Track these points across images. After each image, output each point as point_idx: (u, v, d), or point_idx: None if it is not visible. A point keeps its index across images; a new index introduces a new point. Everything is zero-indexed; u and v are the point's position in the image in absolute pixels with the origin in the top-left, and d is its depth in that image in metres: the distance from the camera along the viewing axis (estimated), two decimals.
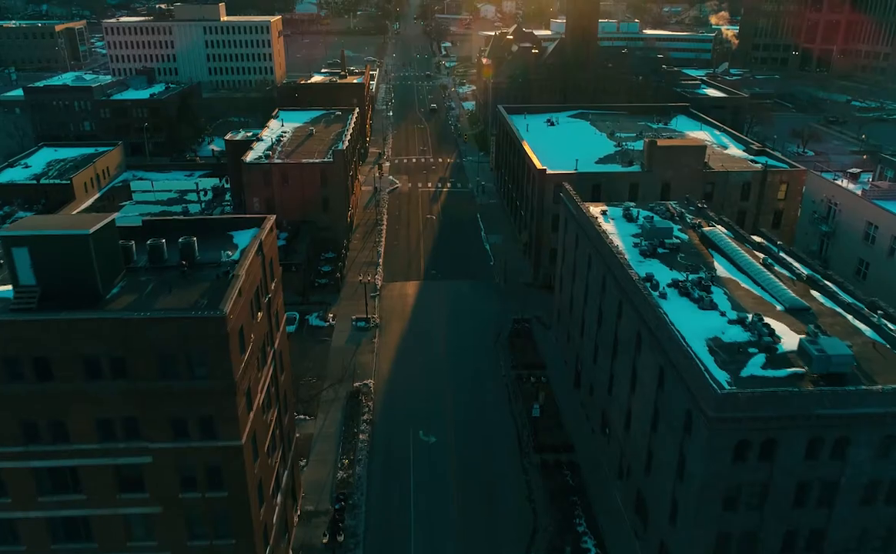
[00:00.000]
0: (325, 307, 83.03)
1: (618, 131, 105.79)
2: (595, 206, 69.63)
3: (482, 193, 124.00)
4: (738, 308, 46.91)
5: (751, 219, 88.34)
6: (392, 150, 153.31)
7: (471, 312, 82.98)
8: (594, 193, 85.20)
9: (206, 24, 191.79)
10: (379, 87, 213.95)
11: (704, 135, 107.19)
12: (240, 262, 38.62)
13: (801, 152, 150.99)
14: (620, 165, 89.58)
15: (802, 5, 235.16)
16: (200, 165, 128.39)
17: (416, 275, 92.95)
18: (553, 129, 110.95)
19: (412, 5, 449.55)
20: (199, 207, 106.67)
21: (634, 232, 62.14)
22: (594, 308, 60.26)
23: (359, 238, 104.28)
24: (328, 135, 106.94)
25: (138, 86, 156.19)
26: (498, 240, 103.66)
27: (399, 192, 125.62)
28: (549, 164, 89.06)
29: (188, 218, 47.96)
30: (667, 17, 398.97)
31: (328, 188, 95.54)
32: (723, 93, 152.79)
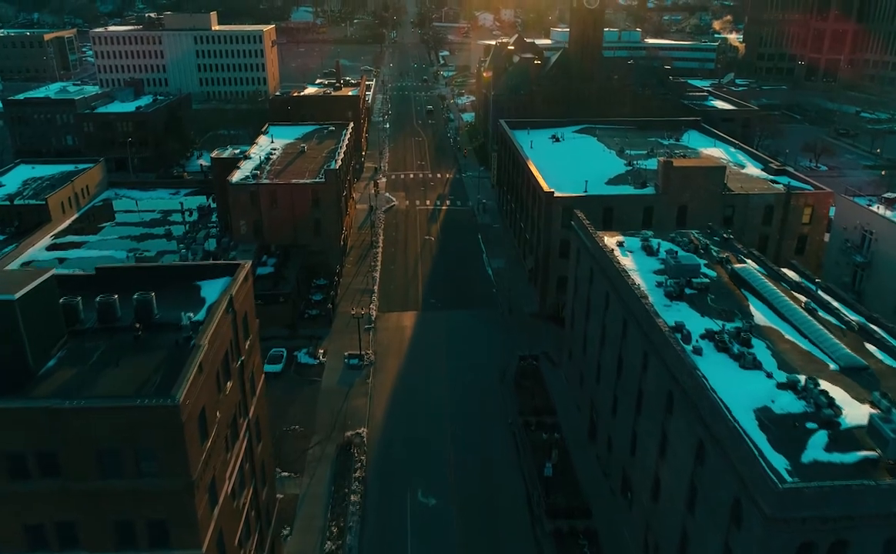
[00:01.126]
0: (315, 342, 76.62)
1: (627, 148, 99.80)
2: (610, 235, 63.49)
3: (483, 212, 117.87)
4: (785, 367, 40.67)
5: (773, 245, 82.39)
6: (389, 164, 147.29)
7: (473, 346, 76.65)
8: (605, 217, 79.27)
9: (197, 33, 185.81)
10: (375, 98, 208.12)
11: (718, 152, 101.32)
12: (204, 328, 32.28)
13: (813, 167, 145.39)
14: (633, 187, 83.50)
15: (808, 14, 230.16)
16: (187, 182, 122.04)
17: (414, 304, 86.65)
18: (558, 145, 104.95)
19: (409, 13, 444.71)
20: (183, 229, 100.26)
21: (656, 268, 55.96)
22: (613, 353, 54.01)
23: (353, 262, 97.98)
24: (320, 152, 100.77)
25: (124, 98, 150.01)
26: (501, 264, 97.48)
27: (396, 211, 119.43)
28: (556, 185, 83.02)
29: (149, 266, 41.70)
30: (667, 26, 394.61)
31: (320, 210, 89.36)
32: (732, 105, 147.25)
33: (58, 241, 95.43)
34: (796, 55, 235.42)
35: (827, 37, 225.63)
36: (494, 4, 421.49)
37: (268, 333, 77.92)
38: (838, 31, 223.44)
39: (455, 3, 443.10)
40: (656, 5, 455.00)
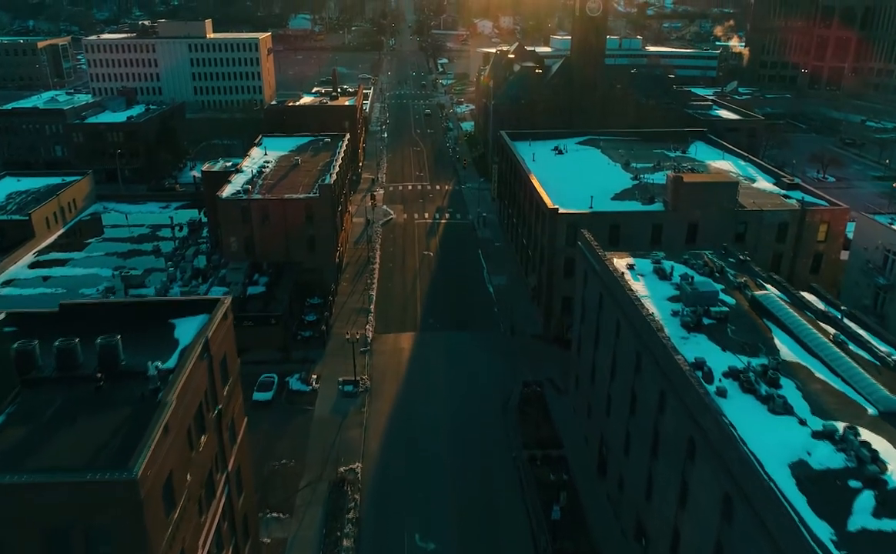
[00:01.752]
0: (308, 366, 72.84)
1: (633, 161, 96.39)
2: (619, 257, 59.91)
3: (483, 226, 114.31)
4: (820, 412, 37.01)
5: (787, 263, 78.87)
6: (387, 175, 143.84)
7: (474, 371, 72.92)
8: (612, 235, 75.72)
9: (192, 41, 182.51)
10: (373, 107, 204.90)
11: (727, 165, 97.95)
12: (174, 379, 28.56)
13: (821, 178, 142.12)
14: (640, 203, 80.00)
15: (811, 22, 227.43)
16: (178, 195, 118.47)
17: (412, 324, 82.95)
18: (561, 158, 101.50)
19: (408, 21, 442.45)
20: (172, 245, 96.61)
21: (671, 294, 52.36)
22: (625, 387, 50.32)
23: (348, 279, 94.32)
24: (315, 165, 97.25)
25: (116, 107, 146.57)
26: (502, 281, 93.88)
27: (394, 225, 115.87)
28: (560, 200, 79.50)
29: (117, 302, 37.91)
30: (667, 34, 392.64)
31: (314, 226, 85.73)
32: (736, 115, 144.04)
33: (41, 258, 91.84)
34: (799, 63, 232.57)
35: (830, 45, 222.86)
36: (493, 12, 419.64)
37: (258, 356, 74.57)
38: (842, 39, 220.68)
39: (454, 10, 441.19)
40: (656, 13, 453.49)
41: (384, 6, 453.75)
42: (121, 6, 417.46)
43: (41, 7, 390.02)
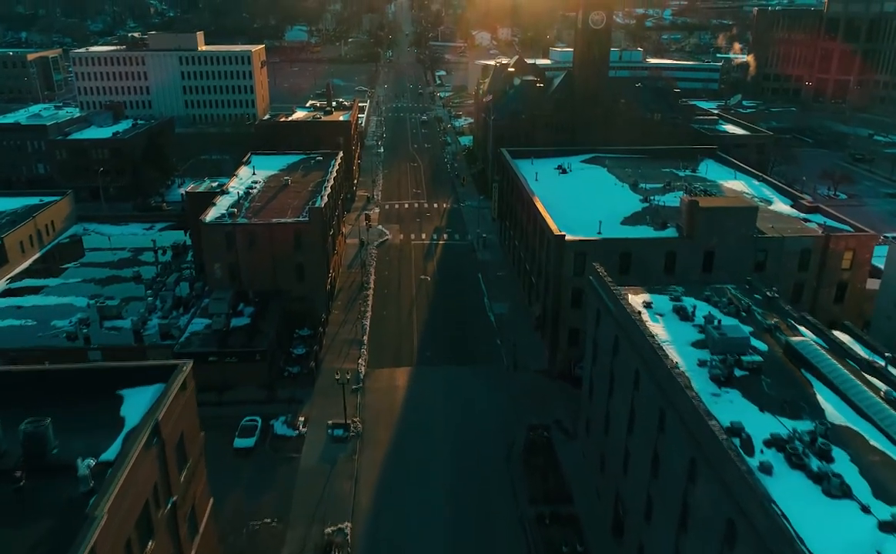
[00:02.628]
0: (295, 407, 67.28)
1: (641, 181, 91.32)
2: (635, 292, 54.66)
3: (483, 248, 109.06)
4: (883, 494, 31.66)
5: (809, 292, 73.73)
6: (382, 192, 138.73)
7: (475, 412, 67.41)
8: (622, 264, 70.63)
9: (183, 54, 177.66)
10: (369, 120, 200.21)
11: (740, 185, 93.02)
12: (108, 484, 23.07)
13: (832, 195, 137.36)
14: (652, 228, 74.86)
15: (816, 34, 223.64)
16: (164, 215, 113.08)
17: (408, 358, 77.46)
18: (566, 177, 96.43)
19: (405, 32, 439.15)
20: (154, 270, 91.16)
21: (695, 338, 47.06)
22: (645, 445, 44.88)
23: (341, 307, 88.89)
24: (306, 186, 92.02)
25: (102, 123, 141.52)
26: (504, 309, 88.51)
27: (389, 246, 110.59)
28: (566, 224, 74.40)
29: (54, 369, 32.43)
30: (666, 45, 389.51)
31: (303, 252, 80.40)
32: (743, 130, 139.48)
33: (13, 285, 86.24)
34: (803, 76, 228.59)
35: (835, 57, 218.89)
36: (491, 23, 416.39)
37: (242, 394, 69.27)
38: (846, 52, 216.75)
39: (451, 21, 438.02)
40: (655, 24, 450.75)
41: (381, 18, 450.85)
42: (115, 18, 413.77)
43: (34, 19, 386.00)
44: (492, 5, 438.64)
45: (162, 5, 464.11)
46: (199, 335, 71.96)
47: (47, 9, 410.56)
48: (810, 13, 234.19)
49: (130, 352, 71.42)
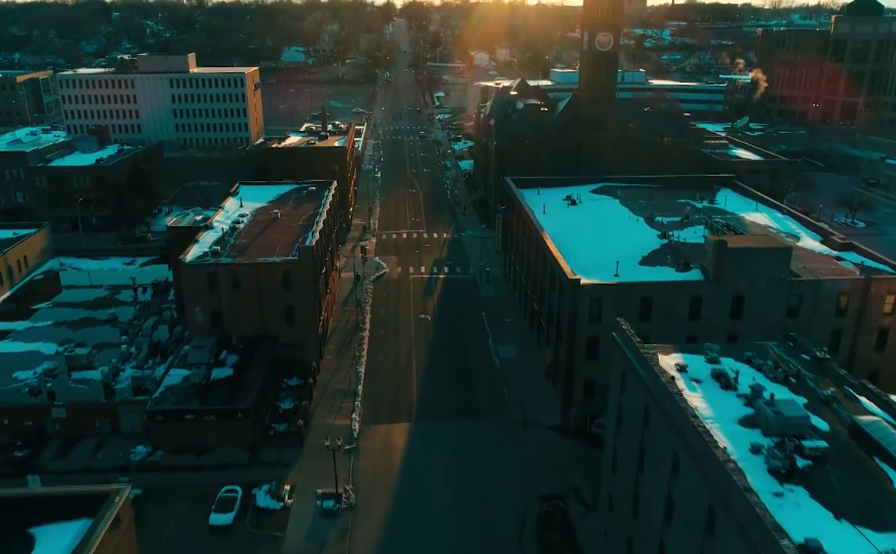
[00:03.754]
0: (280, 473, 60.19)
1: (657, 214, 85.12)
2: (665, 352, 48.03)
3: (486, 282, 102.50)
4: None
5: (848, 340, 67.18)
6: (379, 221, 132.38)
7: (481, 477, 60.40)
8: (643, 310, 64.16)
9: (173, 76, 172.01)
10: (366, 143, 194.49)
11: (762, 217, 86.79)
12: None
13: (850, 223, 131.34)
14: (674, 269, 68.41)
15: (822, 56, 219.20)
16: (146, 249, 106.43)
17: (406, 411, 70.50)
18: (575, 209, 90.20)
19: (403, 53, 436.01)
20: (132, 311, 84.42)
21: (742, 414, 40.39)
22: (688, 545, 37.96)
23: (334, 351, 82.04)
24: (297, 220, 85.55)
25: (86, 148, 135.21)
26: (511, 352, 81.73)
27: (386, 280, 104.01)
28: (579, 264, 68.09)
29: None
30: (666, 66, 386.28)
31: (293, 294, 73.76)
32: (755, 154, 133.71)
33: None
34: (810, 97, 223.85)
35: (842, 79, 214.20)
36: (489, 44, 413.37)
37: (222, 456, 62.40)
38: (854, 74, 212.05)
39: (449, 42, 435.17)
40: (654, 45, 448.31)
41: (379, 39, 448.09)
42: (110, 39, 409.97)
43: (28, 40, 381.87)
44: (490, 26, 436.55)
45: (158, 26, 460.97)
46: (176, 390, 65.03)
47: (42, 30, 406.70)
48: (816, 34, 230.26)
49: (99, 409, 64.62)
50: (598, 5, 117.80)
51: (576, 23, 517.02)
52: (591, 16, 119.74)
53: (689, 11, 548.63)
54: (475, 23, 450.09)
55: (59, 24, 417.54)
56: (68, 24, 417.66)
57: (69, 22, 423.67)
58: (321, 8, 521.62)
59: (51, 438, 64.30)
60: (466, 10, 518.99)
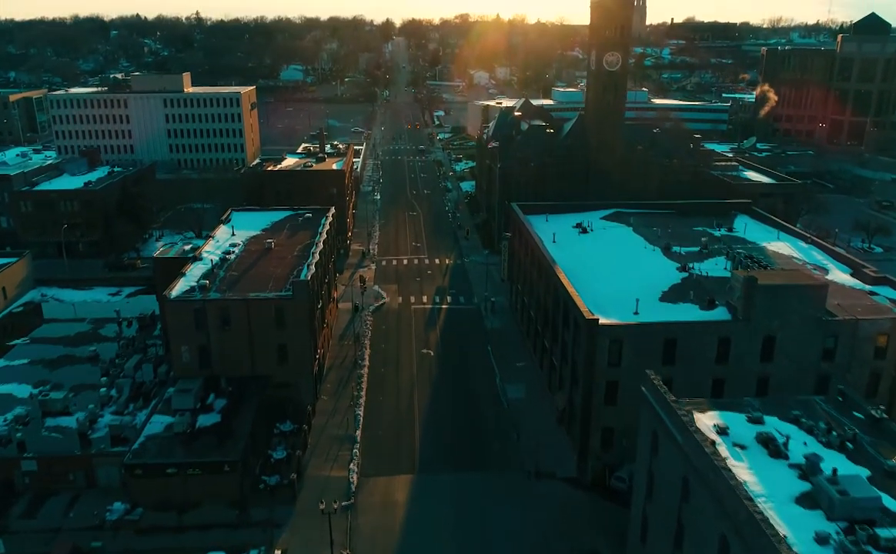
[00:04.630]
0: (270, 535, 54.65)
1: (674, 244, 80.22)
2: (701, 409, 42.84)
3: (492, 313, 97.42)
4: None
5: (887, 383, 62.04)
6: (378, 246, 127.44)
7: (491, 540, 54.83)
8: (667, 352, 59.14)
9: (167, 96, 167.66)
10: (365, 164, 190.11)
11: (786, 247, 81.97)
12: None
13: (867, 248, 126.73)
14: (697, 307, 63.40)
15: (828, 74, 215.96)
16: (133, 279, 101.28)
17: (409, 461, 65.04)
18: (587, 238, 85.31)
19: (403, 72, 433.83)
20: (116, 348, 79.12)
21: (799, 490, 35.21)
22: None
23: (330, 391, 76.68)
24: (291, 250, 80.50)
25: (76, 170, 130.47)
26: (519, 392, 76.23)
27: (386, 310, 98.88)
28: (595, 300, 63.25)
29: None
30: (667, 85, 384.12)
31: (286, 332, 68.57)
32: (765, 176, 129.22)
33: None
34: (816, 117, 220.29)
35: (850, 99, 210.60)
36: (489, 62, 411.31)
37: (206, 515, 56.95)
38: (862, 93, 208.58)
39: (449, 60, 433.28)
40: (654, 63, 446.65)
41: (378, 57, 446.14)
42: (107, 58, 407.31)
43: (24, 58, 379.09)
44: (489, 44, 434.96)
45: (156, 45, 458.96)
46: (158, 440, 59.63)
47: (39, 48, 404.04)
48: (822, 53, 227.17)
49: (73, 462, 59.16)
50: (606, 24, 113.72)
51: (575, 41, 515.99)
52: (599, 35, 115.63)
53: (689, 30, 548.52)
54: (474, 41, 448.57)
55: (56, 42, 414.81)
56: (66, 43, 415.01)
57: (67, 40, 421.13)
58: (320, 27, 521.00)
59: (19, 493, 58.78)
60: (465, 29, 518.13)
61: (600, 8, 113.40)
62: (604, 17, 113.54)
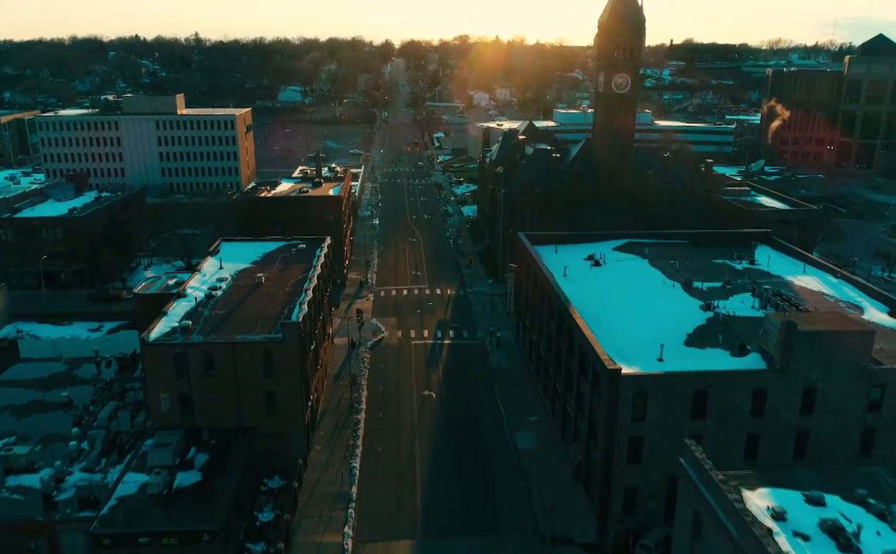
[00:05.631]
0: None
1: (694, 279, 74.64)
2: (748, 485, 36.96)
3: (497, 349, 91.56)
4: None
5: None
6: (377, 275, 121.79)
7: None
8: (696, 406, 53.27)
9: (160, 118, 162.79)
10: (364, 187, 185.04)
11: (814, 282, 76.39)
12: None
13: (888, 277, 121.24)
14: (727, 352, 57.68)
15: (835, 96, 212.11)
16: (116, 313, 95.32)
17: (410, 522, 58.83)
18: (600, 272, 79.72)
19: (402, 93, 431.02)
20: (92, 391, 73.05)
21: None
22: None
23: (324, 439, 70.58)
24: (283, 286, 74.74)
25: (61, 196, 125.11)
26: (530, 442, 70.29)
27: (385, 346, 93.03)
28: (614, 344, 57.79)
29: None
30: (668, 106, 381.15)
31: (275, 378, 62.70)
32: (778, 201, 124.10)
33: None
34: (824, 139, 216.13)
35: (858, 120, 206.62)
36: (488, 83, 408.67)
37: None
38: (871, 115, 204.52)
39: (448, 81, 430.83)
40: (654, 84, 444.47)
41: (377, 78, 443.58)
42: (104, 78, 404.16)
43: (19, 78, 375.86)
44: (488, 65, 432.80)
45: (154, 65, 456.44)
46: (130, 503, 53.33)
47: (35, 69, 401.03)
48: (829, 75, 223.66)
49: (35, 528, 52.84)
50: (614, 45, 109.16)
51: (575, 63, 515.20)
52: (607, 56, 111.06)
53: (688, 52, 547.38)
54: (473, 62, 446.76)
55: (52, 63, 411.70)
56: (62, 63, 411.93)
57: (63, 61, 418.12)
58: (319, 48, 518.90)
59: None
60: (465, 50, 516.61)
61: (609, 28, 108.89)
62: (612, 38, 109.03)
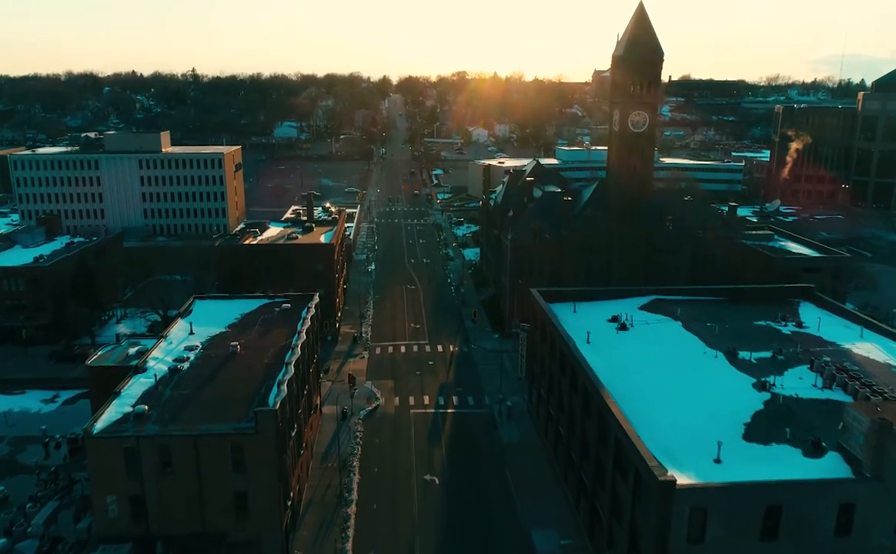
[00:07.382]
0: None
1: (739, 347, 64.34)
2: None
3: (508, 419, 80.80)
4: None
5: None
6: (373, 328, 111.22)
7: None
8: (767, 524, 42.63)
9: (143, 156, 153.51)
10: (359, 229, 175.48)
11: (875, 350, 66.01)
12: None
13: None
14: (799, 451, 47.15)
15: (849, 133, 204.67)
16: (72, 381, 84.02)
17: None
18: (627, 337, 69.35)
19: (399, 129, 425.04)
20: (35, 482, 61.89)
21: None
22: None
23: (307, 541, 59.24)
24: (261, 357, 64.09)
25: (29, 241, 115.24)
26: (552, 543, 59.15)
27: (381, 416, 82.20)
28: (654, 435, 47.71)
29: None
30: (670, 142, 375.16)
31: (246, 476, 51.92)
32: (804, 247, 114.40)
33: None
34: (838, 177, 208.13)
35: (874, 158, 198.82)
36: (487, 119, 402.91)
37: None
38: (888, 153, 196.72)
39: (446, 117, 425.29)
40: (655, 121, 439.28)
41: (375, 114, 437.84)
42: (97, 114, 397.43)
43: (10, 114, 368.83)
44: (487, 101, 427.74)
45: (149, 101, 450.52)
46: None
47: (26, 104, 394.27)
48: (841, 111, 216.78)
49: None
50: (631, 81, 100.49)
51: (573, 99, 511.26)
52: (623, 92, 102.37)
53: (686, 87, 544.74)
54: (472, 98, 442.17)
55: (45, 98, 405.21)
56: (55, 99, 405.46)
57: (56, 96, 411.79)
58: (316, 83, 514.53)
59: None
60: (462, 86, 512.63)
61: (625, 63, 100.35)
62: (629, 73, 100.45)
